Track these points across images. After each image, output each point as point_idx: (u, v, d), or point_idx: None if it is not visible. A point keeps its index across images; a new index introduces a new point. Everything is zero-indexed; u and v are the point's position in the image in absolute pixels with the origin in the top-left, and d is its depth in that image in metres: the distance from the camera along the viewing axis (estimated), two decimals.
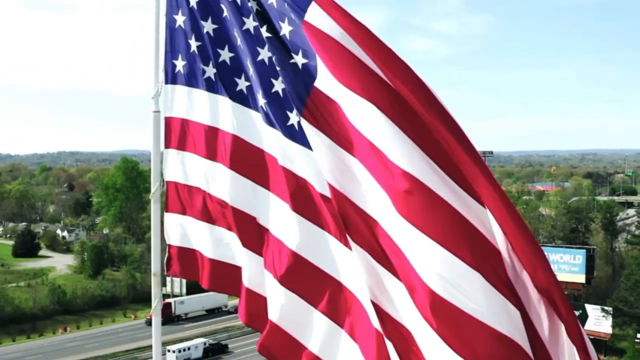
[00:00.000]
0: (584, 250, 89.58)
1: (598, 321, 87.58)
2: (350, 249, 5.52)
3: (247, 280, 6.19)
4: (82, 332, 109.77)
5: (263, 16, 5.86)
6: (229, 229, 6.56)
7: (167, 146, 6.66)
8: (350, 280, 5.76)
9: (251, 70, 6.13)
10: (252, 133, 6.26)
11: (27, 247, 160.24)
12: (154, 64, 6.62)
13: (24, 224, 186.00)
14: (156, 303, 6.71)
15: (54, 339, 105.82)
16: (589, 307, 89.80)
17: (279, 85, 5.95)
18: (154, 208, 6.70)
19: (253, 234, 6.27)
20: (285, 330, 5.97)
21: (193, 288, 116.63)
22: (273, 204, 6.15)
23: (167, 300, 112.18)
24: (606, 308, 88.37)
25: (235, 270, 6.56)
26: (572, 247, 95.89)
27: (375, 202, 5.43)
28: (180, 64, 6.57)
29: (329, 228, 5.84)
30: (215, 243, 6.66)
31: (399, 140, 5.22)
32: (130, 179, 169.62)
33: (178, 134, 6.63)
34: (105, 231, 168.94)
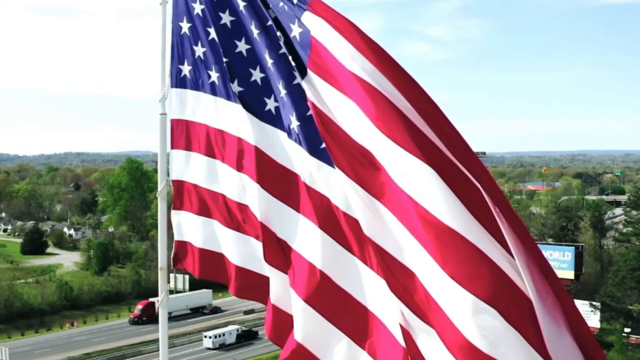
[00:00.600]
0: (573, 248, 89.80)
1: (587, 316, 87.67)
2: (378, 274, 5.45)
3: (273, 297, 6.07)
4: (89, 327, 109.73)
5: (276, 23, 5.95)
6: (243, 232, 6.53)
7: (173, 147, 6.70)
8: (375, 304, 5.64)
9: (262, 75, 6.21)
10: (268, 143, 6.15)
11: (35, 244, 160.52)
12: (160, 68, 6.68)
13: (32, 222, 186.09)
14: (163, 296, 6.78)
15: (62, 333, 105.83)
16: (578, 303, 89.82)
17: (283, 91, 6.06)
18: (161, 205, 6.74)
19: (276, 251, 6.13)
20: (309, 350, 5.88)
21: (196, 284, 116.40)
22: (295, 219, 6.03)
23: (151, 299, 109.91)
24: (594, 303, 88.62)
25: (254, 276, 6.51)
26: (562, 245, 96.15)
27: (408, 250, 5.31)
28: (185, 69, 6.60)
29: (354, 249, 5.71)
30: (220, 239, 6.67)
31: (434, 187, 5.10)
32: (134, 179, 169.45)
33: (184, 135, 6.66)
34: (111, 229, 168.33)
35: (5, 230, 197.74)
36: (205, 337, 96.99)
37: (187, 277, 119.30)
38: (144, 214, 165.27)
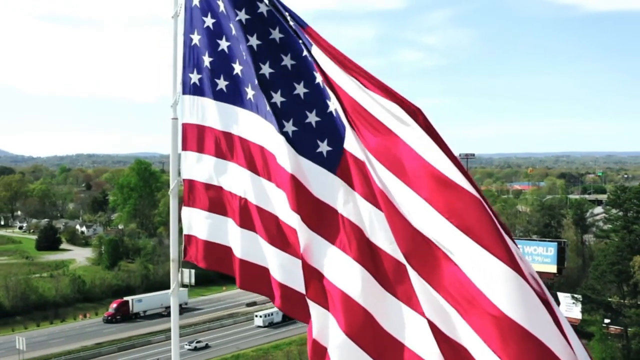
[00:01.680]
0: (556, 243, 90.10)
1: (569, 307, 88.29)
2: (420, 313, 5.23)
3: (315, 332, 5.84)
4: (101, 318, 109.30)
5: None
6: (250, 229, 6.51)
7: (184, 149, 6.75)
8: (416, 345, 5.40)
9: (257, 81, 6.20)
10: (300, 172, 5.96)
11: (49, 241, 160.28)
12: (172, 76, 6.75)
13: (46, 220, 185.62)
14: (174, 286, 6.71)
15: (75, 324, 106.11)
16: (561, 295, 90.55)
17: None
18: (172, 202, 6.75)
19: (318, 287, 5.88)
20: None
21: (201, 279, 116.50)
22: (334, 252, 5.79)
23: (125, 298, 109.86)
24: (576, 296, 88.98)
25: (257, 268, 6.51)
26: (545, 241, 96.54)
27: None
28: (195, 77, 6.63)
29: (394, 288, 5.51)
30: (234, 237, 6.65)
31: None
32: (143, 179, 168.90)
33: (194, 138, 6.70)
34: (121, 226, 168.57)
35: (20, 228, 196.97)
36: (256, 316, 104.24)
37: (193, 271, 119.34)
38: (152, 212, 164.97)
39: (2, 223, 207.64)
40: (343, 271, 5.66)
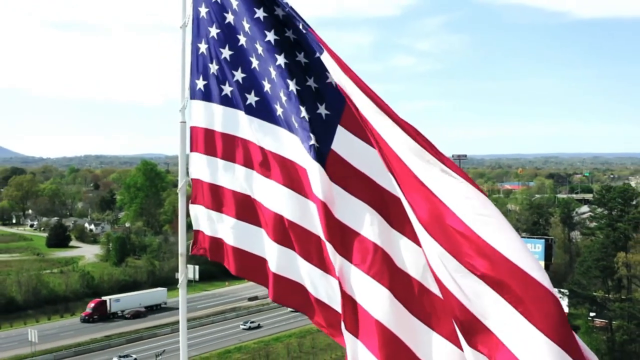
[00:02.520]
0: (543, 240, 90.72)
1: None
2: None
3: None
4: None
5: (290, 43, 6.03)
6: (252, 223, 6.55)
7: (192, 150, 6.82)
8: None
9: (267, 87, 6.27)
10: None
11: (59, 238, 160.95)
12: (180, 82, 6.83)
13: (56, 218, 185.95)
14: (182, 278, 6.74)
15: None
16: None
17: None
18: (181, 200, 6.81)
19: (354, 319, 5.66)
20: None
21: (205, 274, 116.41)
22: (363, 278, 5.60)
23: (103, 298, 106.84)
24: (563, 290, 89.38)
25: (257, 260, 6.56)
26: (533, 237, 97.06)
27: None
28: (201, 83, 6.70)
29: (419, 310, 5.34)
30: (237, 233, 6.69)
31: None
32: (149, 179, 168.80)
33: (201, 140, 6.76)
34: (128, 224, 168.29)
35: (31, 226, 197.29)
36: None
37: (197, 267, 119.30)
38: (158, 211, 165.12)
39: (14, 221, 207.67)
40: (374, 298, 5.46)
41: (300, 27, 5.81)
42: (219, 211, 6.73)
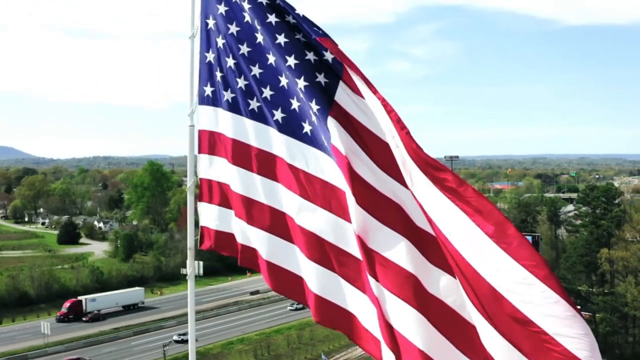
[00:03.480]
0: (530, 237, 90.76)
1: None
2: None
3: None
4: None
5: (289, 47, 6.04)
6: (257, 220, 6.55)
7: (200, 152, 6.89)
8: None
9: (269, 93, 6.32)
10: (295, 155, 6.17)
11: (69, 236, 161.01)
12: (189, 89, 6.89)
13: (66, 216, 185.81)
14: (191, 270, 6.85)
15: None
16: None
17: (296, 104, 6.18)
18: (189, 198, 6.89)
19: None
20: None
21: (209, 270, 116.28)
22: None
23: (79, 298, 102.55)
24: None
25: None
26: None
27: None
28: (209, 90, 6.77)
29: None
30: (242, 229, 6.73)
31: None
32: (155, 179, 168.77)
33: (208, 142, 6.84)
34: (135, 222, 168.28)
35: (43, 224, 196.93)
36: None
37: (201, 263, 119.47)
38: (164, 209, 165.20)
39: (26, 219, 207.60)
40: (411, 325, 5.33)
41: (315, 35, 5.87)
42: (229, 208, 6.80)
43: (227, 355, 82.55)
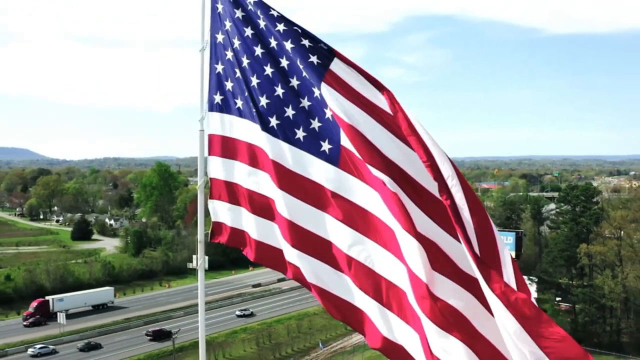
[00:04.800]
0: (514, 233, 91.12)
1: None
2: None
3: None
4: (128, 298, 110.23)
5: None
6: (264, 217, 6.68)
7: (209, 154, 6.92)
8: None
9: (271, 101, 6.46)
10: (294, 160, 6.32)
11: (82, 232, 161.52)
12: (199, 97, 6.97)
13: (79, 214, 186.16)
14: (201, 262, 6.92)
15: None
16: None
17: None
18: (200, 196, 6.93)
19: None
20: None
21: (213, 264, 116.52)
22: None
23: (46, 298, 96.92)
24: (532, 277, 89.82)
25: (267, 247, 6.66)
26: (505, 230, 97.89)
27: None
28: (218, 98, 6.85)
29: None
30: (246, 221, 6.84)
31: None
32: (163, 179, 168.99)
33: (217, 145, 6.89)
34: (144, 220, 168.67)
35: (57, 221, 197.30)
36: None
37: (206, 257, 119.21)
38: (171, 208, 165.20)
39: (41, 217, 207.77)
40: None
41: (304, 41, 6.14)
42: (239, 205, 6.89)
43: (231, 343, 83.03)
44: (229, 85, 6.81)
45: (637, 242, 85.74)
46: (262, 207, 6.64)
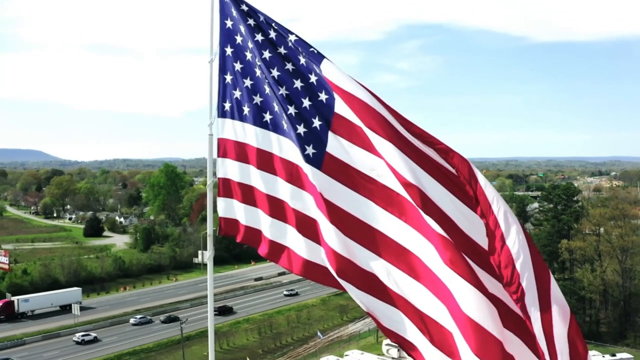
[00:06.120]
0: None
1: None
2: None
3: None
4: (137, 290, 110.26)
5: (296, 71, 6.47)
6: (270, 214, 6.74)
7: (218, 156, 6.98)
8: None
9: (276, 108, 6.57)
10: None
11: (94, 229, 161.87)
12: (209, 105, 7.06)
13: (90, 212, 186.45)
14: (210, 254, 7.07)
15: (117, 295, 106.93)
16: None
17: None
18: (209, 194, 7.07)
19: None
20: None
21: (217, 259, 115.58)
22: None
23: (11, 298, 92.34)
24: None
25: (274, 244, 6.71)
26: None
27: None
28: (227, 105, 6.94)
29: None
30: (255, 218, 6.87)
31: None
32: (170, 179, 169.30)
33: (226, 148, 6.97)
34: (152, 217, 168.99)
35: (70, 219, 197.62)
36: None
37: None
38: (177, 206, 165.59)
39: (55, 215, 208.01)
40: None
41: (302, 60, 6.40)
42: (245, 202, 6.95)
43: (235, 333, 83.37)
44: (237, 93, 6.93)
45: (614, 238, 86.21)
46: (270, 205, 6.74)
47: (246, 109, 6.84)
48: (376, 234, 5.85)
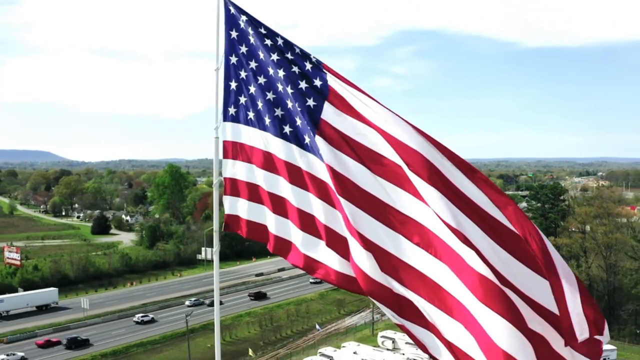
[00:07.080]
0: None
1: None
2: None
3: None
4: (143, 286, 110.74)
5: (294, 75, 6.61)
6: (275, 211, 6.84)
7: (224, 157, 7.06)
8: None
9: (278, 112, 6.73)
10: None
11: (101, 227, 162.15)
12: (215, 109, 7.13)
13: (98, 211, 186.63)
14: (216, 248, 7.21)
15: (124, 290, 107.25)
16: None
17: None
18: (215, 192, 7.14)
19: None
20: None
21: (220, 255, 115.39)
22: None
23: None
24: None
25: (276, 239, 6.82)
26: None
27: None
28: (232, 110, 7.01)
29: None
30: (258, 214, 7.00)
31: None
32: (174, 179, 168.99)
33: (231, 150, 7.05)
34: (157, 216, 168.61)
35: (78, 217, 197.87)
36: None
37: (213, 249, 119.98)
38: (181, 205, 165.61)
39: (64, 213, 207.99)
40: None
41: (308, 65, 6.59)
42: (249, 200, 7.06)
43: (237, 325, 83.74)
44: (242, 99, 6.99)
45: (599, 235, 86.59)
46: (276, 204, 6.83)
47: (251, 114, 6.97)
48: (407, 268, 5.89)
